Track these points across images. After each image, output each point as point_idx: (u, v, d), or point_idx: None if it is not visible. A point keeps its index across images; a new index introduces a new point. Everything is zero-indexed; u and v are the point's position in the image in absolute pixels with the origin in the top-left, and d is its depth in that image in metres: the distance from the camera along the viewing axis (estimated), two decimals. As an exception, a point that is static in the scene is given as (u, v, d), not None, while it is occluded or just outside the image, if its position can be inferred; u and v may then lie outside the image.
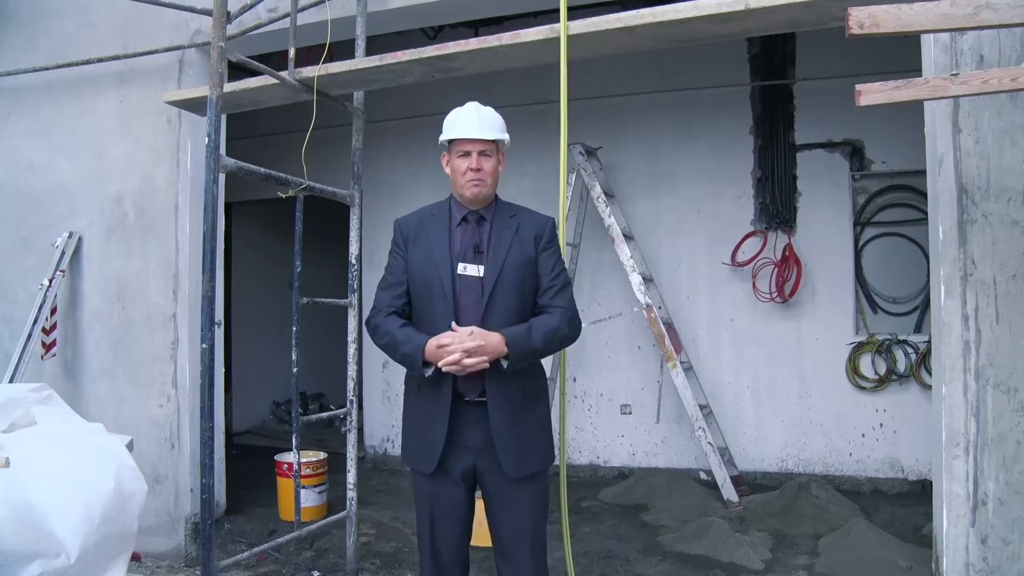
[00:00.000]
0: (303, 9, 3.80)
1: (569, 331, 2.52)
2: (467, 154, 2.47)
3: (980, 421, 2.78)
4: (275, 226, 7.83)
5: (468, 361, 2.31)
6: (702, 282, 6.02)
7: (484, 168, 2.48)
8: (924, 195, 3.76)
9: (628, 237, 5.64)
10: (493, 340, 2.34)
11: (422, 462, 2.49)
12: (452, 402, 2.43)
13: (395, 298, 2.53)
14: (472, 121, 2.48)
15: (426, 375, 2.40)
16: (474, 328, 2.35)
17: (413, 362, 2.41)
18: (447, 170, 2.56)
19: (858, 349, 5.62)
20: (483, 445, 2.43)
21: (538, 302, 2.51)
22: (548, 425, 2.59)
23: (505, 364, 2.37)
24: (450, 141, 2.51)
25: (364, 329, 2.74)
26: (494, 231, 2.52)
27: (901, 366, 5.51)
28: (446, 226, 2.53)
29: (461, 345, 2.31)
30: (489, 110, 2.54)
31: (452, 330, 2.37)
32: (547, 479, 2.57)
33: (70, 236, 4.61)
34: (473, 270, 2.47)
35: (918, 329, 5.58)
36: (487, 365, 2.34)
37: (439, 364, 2.34)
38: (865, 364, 5.61)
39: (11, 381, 4.16)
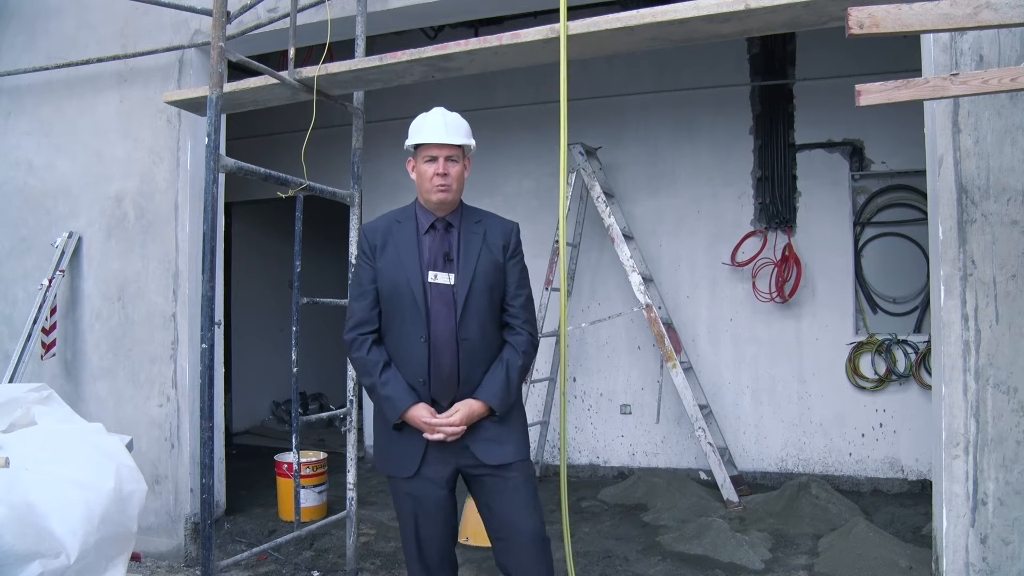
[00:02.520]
0: (303, 9, 3.80)
1: (533, 356, 2.64)
2: (433, 159, 2.48)
3: (980, 421, 2.78)
4: (275, 226, 7.84)
5: (450, 430, 2.42)
6: (702, 282, 6.02)
7: (451, 173, 2.48)
8: (924, 195, 3.76)
9: (628, 237, 5.64)
10: (477, 412, 2.46)
11: (400, 467, 2.51)
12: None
13: (369, 309, 2.54)
14: (439, 126, 2.49)
15: (394, 423, 2.47)
16: (460, 408, 2.44)
17: (388, 413, 2.47)
18: (413, 175, 2.58)
19: (858, 349, 5.62)
20: (460, 445, 2.47)
21: (505, 308, 2.58)
22: (521, 420, 2.65)
23: (495, 418, 2.50)
24: (416, 146, 2.52)
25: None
26: (462, 238, 2.54)
27: (901, 366, 5.51)
28: (413, 233, 2.54)
29: (448, 428, 2.41)
30: (455, 115, 2.55)
31: (432, 409, 2.45)
32: (531, 469, 2.63)
33: (70, 236, 4.61)
34: (444, 278, 2.48)
35: (918, 329, 5.58)
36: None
37: (425, 435, 2.43)
38: (865, 364, 5.61)
39: (11, 381, 4.16)
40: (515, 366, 2.52)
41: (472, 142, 2.56)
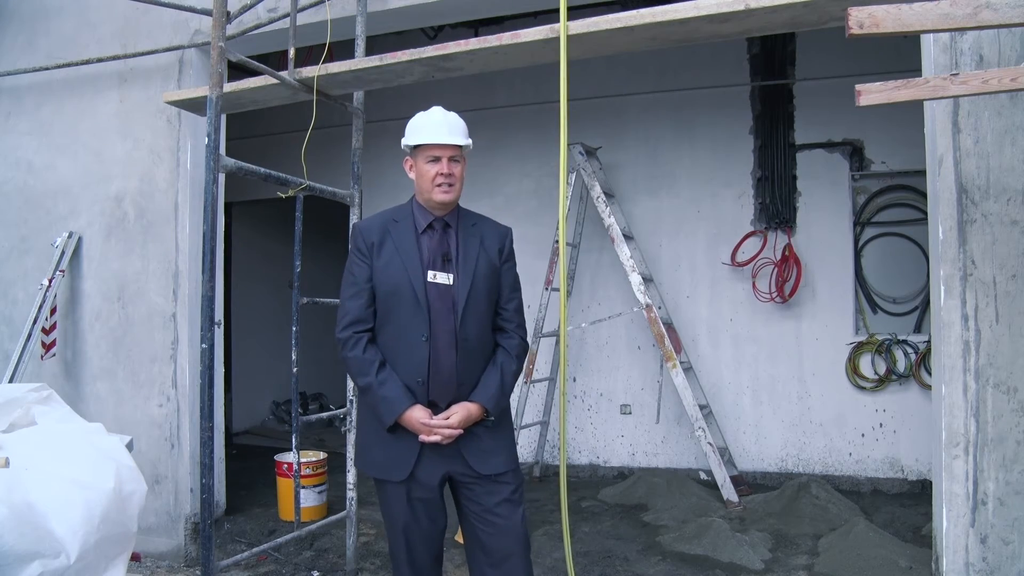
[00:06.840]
0: (303, 9, 3.80)
1: (524, 360, 2.67)
2: (436, 159, 2.47)
3: (980, 421, 2.78)
4: (275, 226, 7.83)
5: (447, 432, 2.42)
6: (702, 282, 6.02)
7: (454, 173, 2.49)
8: (924, 195, 3.76)
9: (628, 237, 5.64)
10: (474, 415, 2.46)
11: (393, 471, 2.48)
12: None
13: (365, 308, 2.52)
14: (441, 126, 2.48)
15: (388, 425, 2.45)
16: (457, 410, 2.43)
17: (384, 415, 2.44)
18: (411, 175, 2.57)
19: (858, 349, 5.62)
20: (453, 451, 2.46)
21: (498, 312, 2.59)
22: (511, 428, 2.69)
23: (490, 421, 2.50)
24: (415, 146, 2.51)
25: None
26: (461, 239, 2.54)
27: (901, 366, 5.51)
28: (412, 232, 2.53)
29: (446, 430, 2.40)
30: (454, 115, 2.55)
31: (429, 410, 2.44)
32: (521, 478, 2.64)
33: (70, 236, 4.61)
34: (443, 278, 2.48)
35: (918, 329, 5.58)
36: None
37: (421, 438, 2.41)
38: (865, 364, 5.61)
39: (11, 381, 4.16)
40: (509, 370, 2.54)
41: (471, 141, 2.57)
